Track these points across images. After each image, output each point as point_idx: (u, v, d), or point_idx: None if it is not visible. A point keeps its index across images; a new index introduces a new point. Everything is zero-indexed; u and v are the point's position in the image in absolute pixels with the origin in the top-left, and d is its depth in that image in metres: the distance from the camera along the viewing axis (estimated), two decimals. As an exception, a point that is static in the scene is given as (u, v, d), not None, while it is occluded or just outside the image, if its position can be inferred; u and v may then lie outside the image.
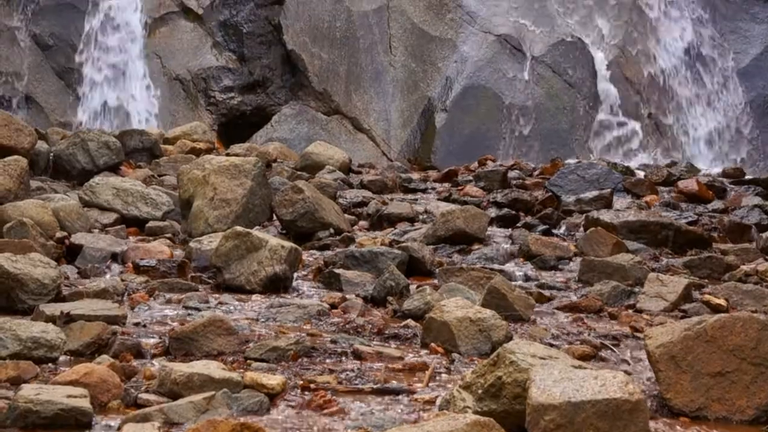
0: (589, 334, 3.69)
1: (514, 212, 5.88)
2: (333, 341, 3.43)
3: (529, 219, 5.79)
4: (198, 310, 3.83)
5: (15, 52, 8.93)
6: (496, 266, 4.74)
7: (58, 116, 8.80)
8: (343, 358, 3.29)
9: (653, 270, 4.66)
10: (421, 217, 5.82)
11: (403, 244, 4.80)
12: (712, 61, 9.31)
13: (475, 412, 2.54)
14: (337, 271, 4.43)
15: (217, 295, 4.10)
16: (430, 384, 3.02)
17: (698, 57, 9.32)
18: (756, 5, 9.46)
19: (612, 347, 3.52)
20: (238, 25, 9.27)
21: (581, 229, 5.50)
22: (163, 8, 9.34)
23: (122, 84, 8.98)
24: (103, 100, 8.92)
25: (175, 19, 9.33)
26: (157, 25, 9.26)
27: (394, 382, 3.03)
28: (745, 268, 4.79)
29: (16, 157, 5.70)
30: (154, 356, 3.24)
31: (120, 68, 9.01)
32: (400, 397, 2.89)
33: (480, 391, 2.63)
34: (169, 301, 3.96)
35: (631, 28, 9.35)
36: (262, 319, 3.75)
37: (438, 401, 2.82)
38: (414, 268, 4.60)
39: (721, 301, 4.12)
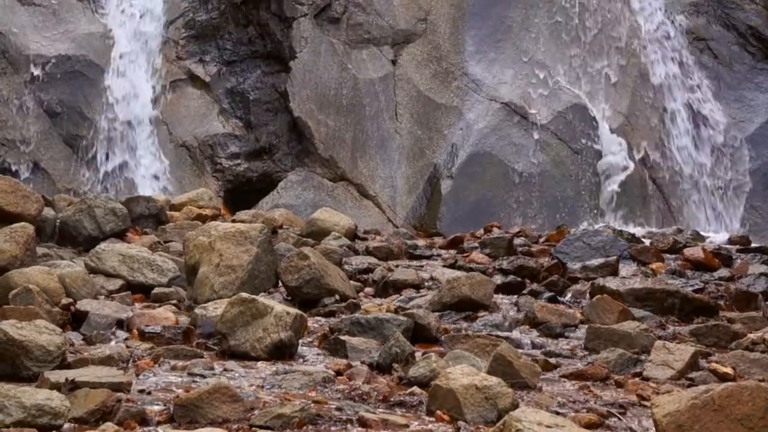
0: (595, 402, 3.68)
1: (519, 279, 5.89)
2: (338, 408, 3.42)
3: (535, 286, 5.79)
4: (203, 377, 3.82)
5: (23, 119, 9.02)
6: (502, 333, 4.73)
7: (66, 183, 8.87)
8: (349, 425, 3.28)
9: (660, 338, 4.65)
10: (426, 283, 5.82)
11: (409, 311, 4.80)
12: (718, 129, 9.38)
13: (481, 481, 2.53)
14: (342, 337, 4.42)
15: (222, 362, 4.09)
16: (435, 452, 3.01)
17: (703, 125, 9.40)
18: (760, 75, 9.57)
19: (619, 415, 3.51)
20: (244, 92, 9.38)
21: (587, 296, 5.50)
22: (171, 76, 9.46)
23: (129, 150, 9.07)
24: (110, 166, 9.00)
25: (183, 87, 9.45)
26: (164, 93, 9.38)
27: (399, 450, 3.02)
28: (752, 336, 4.78)
29: (22, 224, 5.72)
30: (158, 423, 3.23)
31: (127, 135, 9.10)
32: (405, 465, 2.88)
33: (486, 460, 2.62)
34: (174, 368, 3.95)
35: (636, 96, 9.44)
36: (268, 386, 3.74)
37: (444, 470, 2.80)
38: (419, 335, 4.59)
39: (729, 370, 4.11)
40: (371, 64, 9.37)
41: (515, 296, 5.57)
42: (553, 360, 4.32)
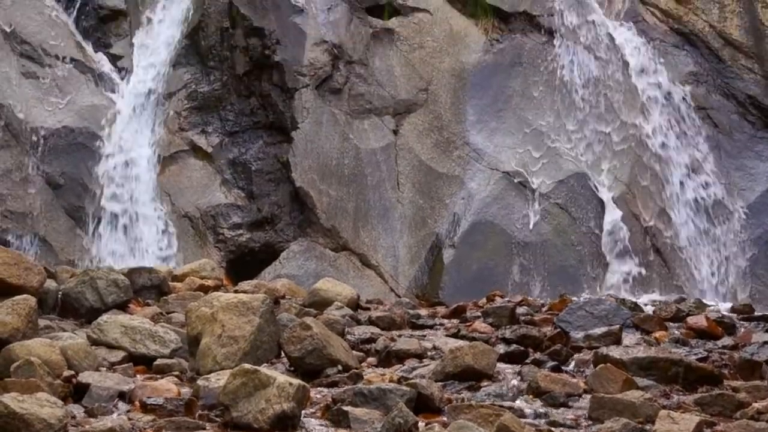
0: (600, 473, 3.68)
1: (522, 348, 5.89)
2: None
3: (538, 355, 5.79)
4: (205, 449, 3.82)
5: (25, 191, 9.08)
6: (505, 403, 4.73)
7: (68, 254, 8.91)
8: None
9: (664, 407, 4.64)
10: (429, 353, 5.82)
11: (412, 381, 4.80)
12: (718, 197, 9.43)
13: None
14: (345, 408, 4.43)
15: (224, 434, 4.09)
16: None
17: (704, 193, 9.45)
18: (760, 143, 9.65)
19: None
20: (246, 162, 9.45)
21: (591, 365, 5.50)
22: (173, 147, 9.55)
23: (132, 222, 9.12)
24: (112, 237, 9.04)
25: (185, 158, 9.53)
26: (167, 164, 9.46)
27: None
28: (757, 405, 4.77)
29: (25, 296, 5.74)
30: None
31: (129, 206, 9.16)
32: None
33: None
34: (176, 440, 3.96)
35: (637, 165, 9.50)
36: (270, 458, 3.74)
37: None
38: (423, 405, 4.59)
39: (733, 439, 4.10)
40: (373, 134, 9.45)
41: (518, 365, 5.57)
42: (556, 430, 4.31)
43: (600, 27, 10.10)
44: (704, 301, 8.36)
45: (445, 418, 4.41)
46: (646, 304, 7.65)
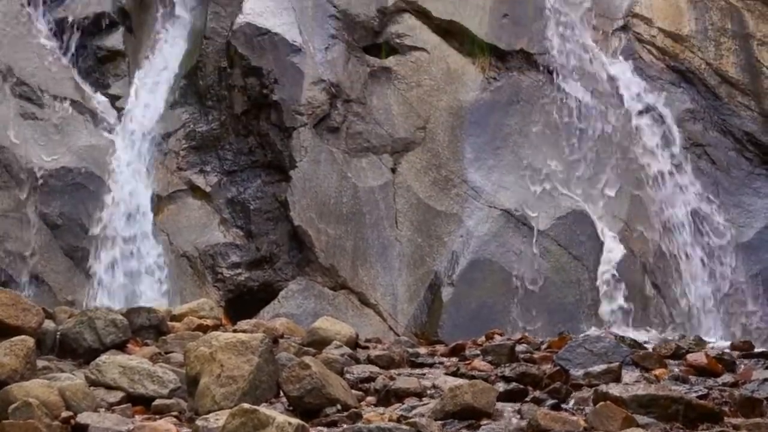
0: None
1: (522, 386, 5.88)
2: None
3: (537, 393, 5.78)
4: (204, 489, 3.82)
5: (23, 231, 9.10)
6: (505, 442, 4.73)
7: (66, 295, 8.91)
8: None
9: (664, 445, 4.65)
10: (428, 392, 5.82)
11: (411, 420, 4.80)
12: (717, 234, 9.46)
13: None
14: (344, 448, 4.43)
15: (223, 475, 4.09)
16: None
17: (702, 230, 9.48)
18: (758, 180, 9.70)
19: None
20: (245, 202, 9.47)
21: (590, 403, 5.50)
22: (172, 186, 9.58)
23: (130, 261, 9.13)
24: (111, 277, 9.05)
25: (183, 197, 9.55)
26: (165, 203, 9.49)
27: None
28: (757, 442, 4.78)
29: (22, 337, 5.75)
30: None
31: (128, 246, 9.18)
32: None
33: None
34: (175, 481, 3.95)
35: (635, 201, 9.54)
36: (269, 499, 3.74)
37: None
38: (422, 444, 4.59)
39: (734, 476, 4.10)
40: (371, 172, 9.48)
41: (518, 404, 5.56)
42: (557, 468, 4.31)
43: (597, 64, 10.17)
44: (704, 338, 8.37)
45: (444, 457, 4.41)
46: (645, 342, 7.65)
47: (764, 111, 9.93)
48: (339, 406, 5.23)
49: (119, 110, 9.88)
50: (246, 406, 4.38)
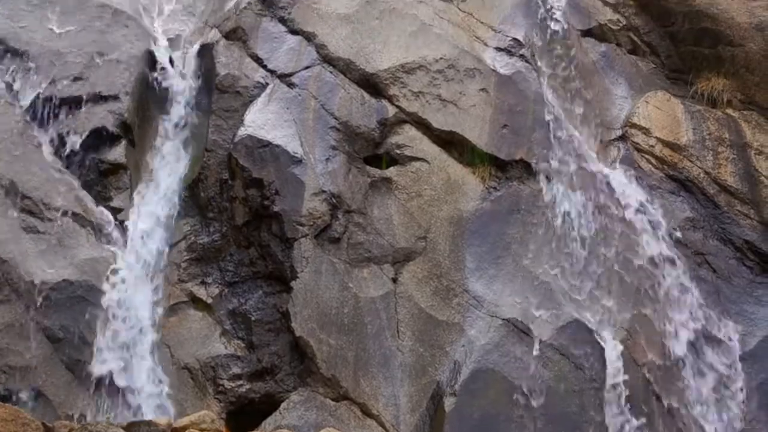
0: None
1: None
2: None
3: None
4: None
5: (25, 345, 9.13)
6: None
7: (67, 409, 8.92)
8: None
9: None
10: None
11: None
12: (720, 343, 9.55)
13: None
14: None
15: None
16: None
17: (706, 340, 9.57)
18: (759, 288, 9.83)
19: None
20: (246, 313, 9.56)
21: None
22: (173, 298, 9.69)
23: (131, 374, 9.18)
24: (112, 390, 9.07)
25: (185, 309, 9.64)
26: (166, 315, 9.58)
27: None
28: None
29: (25, 449, 5.83)
30: None
31: (129, 358, 9.23)
32: None
33: None
34: None
35: (637, 311, 9.63)
36: None
37: None
38: None
39: None
40: (372, 282, 9.59)
41: None
42: None
43: (596, 174, 10.34)
44: (709, 446, 8.45)
45: None
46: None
47: (764, 219, 10.08)
48: None
49: (121, 223, 10.00)
50: None
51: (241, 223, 9.92)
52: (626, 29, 11.68)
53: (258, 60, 10.82)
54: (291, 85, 10.55)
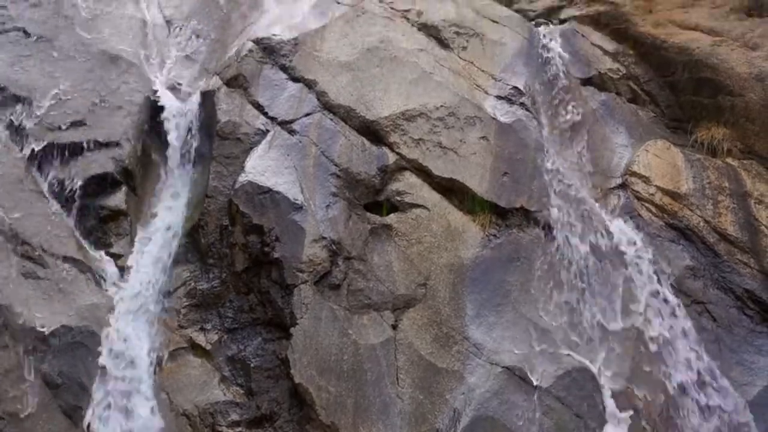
0: None
1: None
2: None
3: None
4: None
5: (23, 391, 9.14)
6: None
7: (66, 456, 8.98)
8: None
9: None
10: None
11: None
12: (720, 392, 9.58)
13: None
14: None
15: None
16: None
17: (705, 388, 9.60)
18: (760, 338, 9.87)
19: None
20: (245, 359, 9.61)
21: None
22: (172, 344, 9.74)
23: (129, 421, 9.19)
24: (110, 434, 9.14)
25: (184, 355, 9.68)
26: (165, 362, 9.62)
27: None
28: None
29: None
30: None
31: (127, 405, 9.26)
32: None
33: None
34: None
35: (637, 359, 9.68)
36: None
37: None
38: None
39: None
40: (372, 329, 9.64)
41: None
42: None
43: (596, 222, 10.42)
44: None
45: None
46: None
47: (764, 269, 10.14)
48: None
49: (121, 269, 10.10)
50: None
51: (240, 270, 10.00)
52: (626, 78, 11.85)
53: (259, 107, 10.95)
54: (292, 131, 10.67)
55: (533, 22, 12.59)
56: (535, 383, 9.45)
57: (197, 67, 11.77)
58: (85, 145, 10.56)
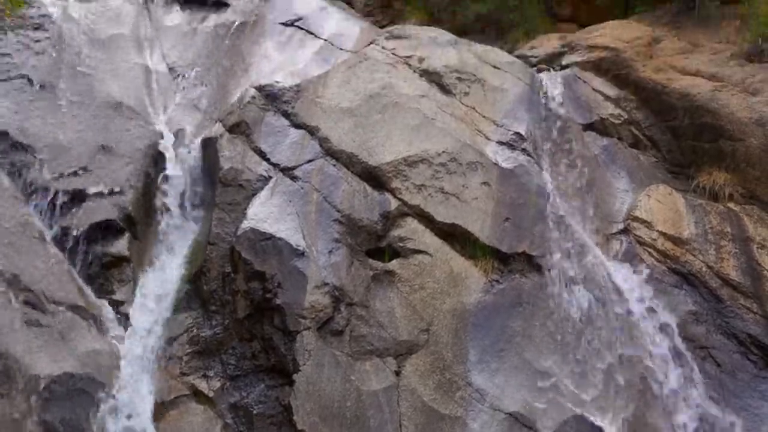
0: None
1: None
2: None
3: None
4: None
5: None
6: None
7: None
8: None
9: None
10: None
11: None
12: (725, 438, 9.64)
13: None
14: None
15: None
16: None
17: (711, 432, 9.66)
18: (764, 383, 9.90)
19: None
20: (248, 406, 9.64)
21: None
22: (174, 392, 9.76)
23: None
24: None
25: (186, 402, 9.69)
26: (167, 408, 9.65)
27: None
28: None
29: None
30: None
31: (129, 451, 9.32)
32: None
33: None
34: None
35: (640, 404, 9.70)
36: None
37: None
38: None
39: None
40: (375, 375, 9.67)
41: None
42: None
43: (599, 267, 10.48)
44: None
45: None
46: None
47: (767, 314, 10.17)
48: None
49: (123, 315, 10.13)
50: None
51: (243, 316, 10.04)
52: (627, 123, 11.96)
53: (261, 153, 11.03)
54: (294, 178, 10.74)
55: (535, 68, 12.72)
56: (538, 429, 9.48)
57: (200, 114, 11.87)
58: (88, 192, 10.61)
